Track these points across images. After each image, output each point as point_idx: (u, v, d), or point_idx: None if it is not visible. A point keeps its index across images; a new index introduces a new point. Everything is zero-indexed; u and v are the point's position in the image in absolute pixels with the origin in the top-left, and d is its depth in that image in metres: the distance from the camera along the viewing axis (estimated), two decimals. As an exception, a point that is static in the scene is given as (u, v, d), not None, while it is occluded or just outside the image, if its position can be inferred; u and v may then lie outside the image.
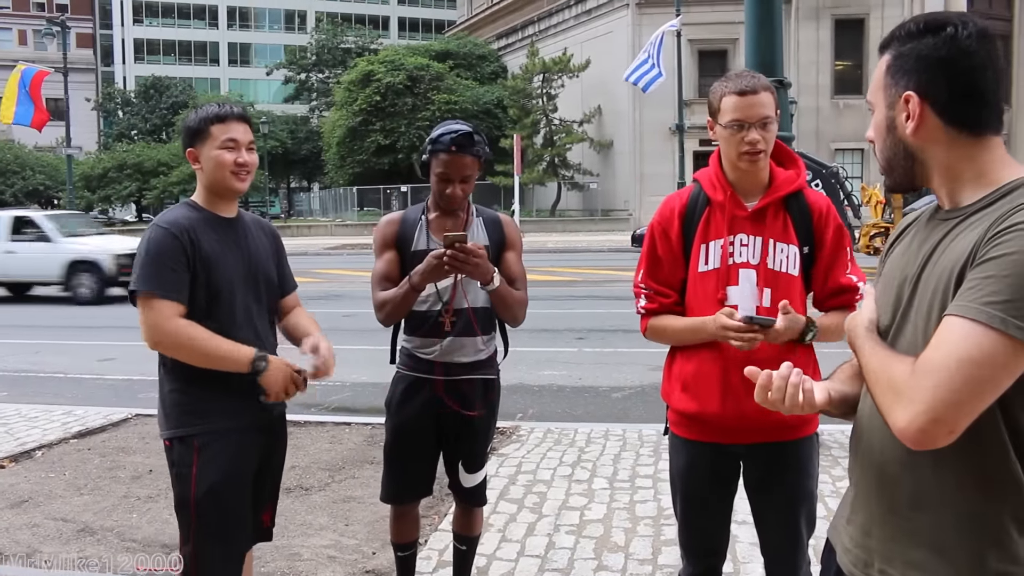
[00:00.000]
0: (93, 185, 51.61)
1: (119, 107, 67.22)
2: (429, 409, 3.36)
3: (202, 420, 2.81)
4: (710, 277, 2.65)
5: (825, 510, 4.76)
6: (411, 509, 3.58)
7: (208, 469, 2.78)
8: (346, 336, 10.68)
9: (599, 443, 6.21)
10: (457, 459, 3.48)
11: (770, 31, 6.13)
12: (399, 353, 3.49)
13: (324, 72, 65.47)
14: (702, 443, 2.73)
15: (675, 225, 2.73)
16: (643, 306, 2.80)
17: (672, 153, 34.21)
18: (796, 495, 2.74)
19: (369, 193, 46.71)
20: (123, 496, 5.33)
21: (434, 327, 3.32)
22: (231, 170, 2.84)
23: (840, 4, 40.43)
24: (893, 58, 1.61)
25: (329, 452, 6.20)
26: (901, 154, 1.63)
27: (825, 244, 2.69)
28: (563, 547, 4.39)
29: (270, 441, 3.00)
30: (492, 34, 56.82)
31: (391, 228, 3.38)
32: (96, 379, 9.55)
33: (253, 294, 2.94)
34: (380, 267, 3.33)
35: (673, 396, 2.76)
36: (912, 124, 1.58)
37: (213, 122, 2.84)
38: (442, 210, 3.36)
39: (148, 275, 2.75)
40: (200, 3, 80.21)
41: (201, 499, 2.78)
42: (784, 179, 2.69)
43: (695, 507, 2.80)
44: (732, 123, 2.57)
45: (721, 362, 2.62)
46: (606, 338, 11.32)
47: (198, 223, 2.84)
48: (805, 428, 2.72)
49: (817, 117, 39.77)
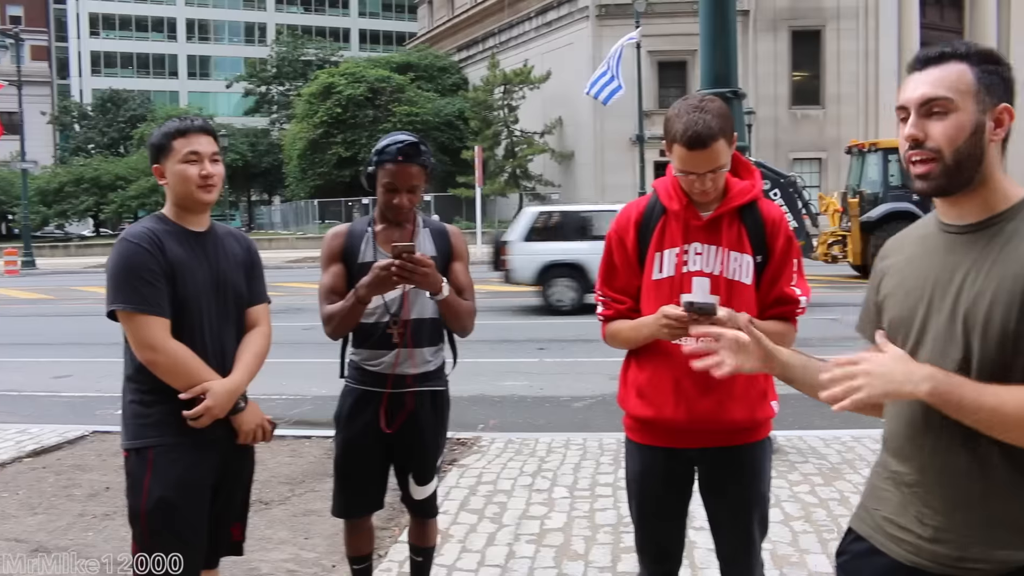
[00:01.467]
0: (49, 200, 50.81)
1: (75, 120, 66.38)
2: (378, 422, 3.35)
3: (158, 432, 2.80)
4: (664, 285, 2.68)
5: (782, 514, 4.83)
6: (363, 523, 3.57)
7: (159, 480, 2.77)
8: (307, 349, 10.62)
9: (560, 452, 6.23)
10: (407, 472, 3.47)
11: (725, 44, 6.22)
12: (347, 366, 3.48)
13: (284, 84, 65.09)
14: (657, 448, 2.77)
15: (631, 234, 2.76)
16: (600, 313, 2.85)
17: (633, 164, 34.44)
18: (749, 499, 2.78)
19: (331, 206, 46.48)
20: (79, 514, 5.26)
21: (382, 339, 3.31)
22: (196, 184, 2.83)
23: (797, 16, 41.04)
24: (984, 72, 1.74)
25: (289, 466, 6.16)
26: (977, 156, 1.73)
27: (775, 254, 2.73)
28: (523, 556, 4.40)
29: (233, 455, 2.98)
30: (453, 46, 56.91)
31: (337, 241, 3.38)
32: (52, 396, 9.40)
33: (221, 308, 2.92)
34: (327, 280, 3.32)
35: (629, 402, 2.80)
36: (1002, 134, 1.75)
37: (175, 136, 2.83)
38: (389, 221, 3.36)
39: (126, 291, 2.74)
40: (158, 15, 79.45)
41: (151, 510, 2.78)
42: (739, 190, 2.72)
43: (651, 511, 2.84)
44: (682, 172, 2.60)
45: (674, 368, 2.65)
46: (567, 348, 11.37)
47: (165, 235, 2.83)
48: (757, 432, 2.76)
49: (775, 127, 40.30)
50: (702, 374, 2.60)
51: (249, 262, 3.09)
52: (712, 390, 2.62)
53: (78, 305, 18.87)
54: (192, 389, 2.77)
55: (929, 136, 1.74)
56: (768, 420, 2.80)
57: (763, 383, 2.73)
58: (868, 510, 1.93)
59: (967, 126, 1.72)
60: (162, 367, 2.76)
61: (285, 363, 10.24)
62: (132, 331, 2.75)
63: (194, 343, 2.81)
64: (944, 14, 43.14)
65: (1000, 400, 1.61)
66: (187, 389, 2.76)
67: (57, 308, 19.26)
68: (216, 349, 2.88)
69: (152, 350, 2.74)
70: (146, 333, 2.73)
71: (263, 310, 3.12)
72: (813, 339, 9.96)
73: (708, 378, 2.60)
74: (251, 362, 2.96)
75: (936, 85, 1.74)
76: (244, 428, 2.92)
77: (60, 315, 16.95)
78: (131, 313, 2.73)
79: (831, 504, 5.01)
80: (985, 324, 1.68)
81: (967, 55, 1.75)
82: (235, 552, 3.15)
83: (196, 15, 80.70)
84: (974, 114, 1.73)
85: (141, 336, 2.73)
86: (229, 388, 2.83)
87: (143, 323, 2.73)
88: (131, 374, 2.86)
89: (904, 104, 1.77)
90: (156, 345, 2.73)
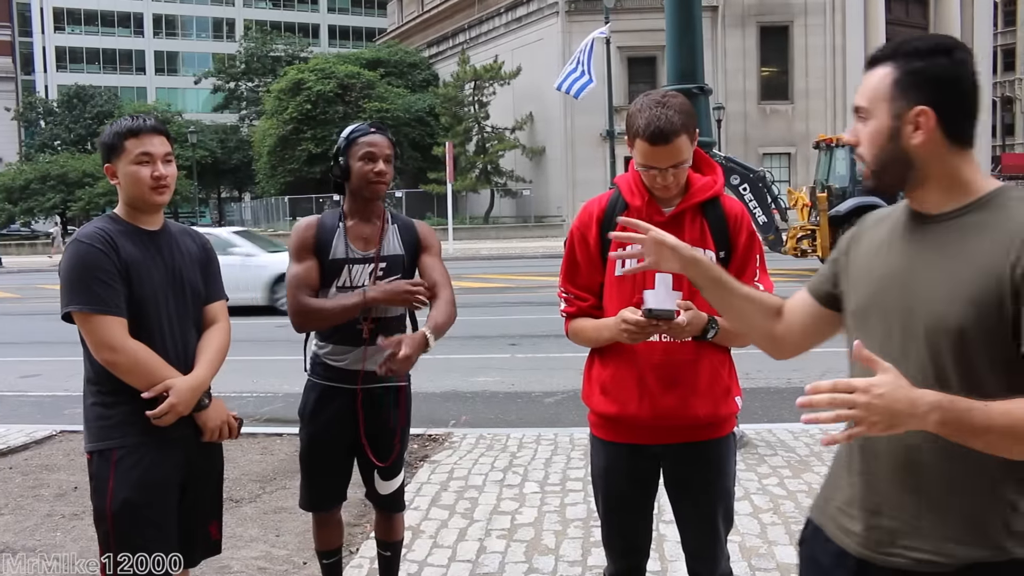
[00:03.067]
0: (15, 197, 50.25)
1: (41, 117, 65.59)
2: (342, 417, 3.36)
3: (120, 434, 2.78)
4: (626, 281, 2.70)
5: (751, 506, 4.89)
6: (332, 516, 3.59)
7: (123, 482, 2.76)
8: (278, 347, 10.58)
9: (531, 448, 6.26)
10: (372, 467, 3.47)
11: (691, 39, 6.25)
12: (310, 360, 3.47)
13: (254, 81, 64.68)
14: (621, 444, 2.79)
15: (593, 230, 2.77)
16: (563, 309, 2.87)
17: (604, 159, 34.59)
18: (713, 494, 2.81)
19: (301, 202, 46.22)
20: (46, 515, 5.21)
21: (350, 335, 3.32)
22: (149, 186, 2.80)
23: (765, 12, 41.35)
24: (903, 73, 1.72)
25: (260, 463, 6.14)
26: (900, 161, 1.74)
27: (737, 249, 2.75)
28: (494, 551, 4.42)
29: (199, 453, 2.96)
30: (423, 42, 56.77)
31: (309, 233, 3.36)
32: (19, 396, 9.29)
33: (180, 306, 2.90)
34: (300, 271, 3.29)
35: (593, 399, 2.82)
36: (922, 136, 1.71)
37: (127, 136, 2.80)
38: (359, 216, 3.38)
39: (81, 292, 2.70)
40: (124, 11, 78.52)
41: (117, 511, 2.76)
42: (701, 185, 2.74)
43: (616, 506, 2.86)
44: (644, 167, 2.62)
45: (638, 365, 2.68)
46: (539, 344, 11.39)
47: (119, 235, 2.80)
48: (721, 428, 2.79)
49: (745, 122, 40.60)
50: (665, 370, 2.66)
51: (205, 259, 3.05)
52: (676, 386, 2.65)
53: (45, 304, 18.61)
54: (155, 388, 2.74)
55: (859, 141, 1.80)
56: (732, 416, 2.83)
57: (727, 379, 2.76)
58: (825, 499, 1.96)
59: (883, 132, 1.75)
60: (122, 367, 2.73)
61: (256, 360, 10.21)
62: (89, 332, 2.72)
63: (153, 342, 2.79)
64: (909, 10, 43.65)
65: (1012, 419, 1.55)
66: (149, 388, 2.74)
67: (24, 307, 19.07)
68: (177, 347, 2.86)
69: (111, 350, 2.71)
70: (103, 333, 2.70)
71: (221, 307, 3.09)
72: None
73: (672, 374, 2.65)
74: (213, 358, 2.94)
75: (860, 93, 1.79)
76: (209, 425, 2.90)
77: (27, 314, 16.76)
78: (88, 314, 2.70)
79: (799, 496, 5.07)
80: (938, 320, 1.68)
81: (893, 55, 1.75)
82: (214, 551, 3.12)
83: (163, 10, 79.87)
84: (888, 120, 1.74)
85: (99, 337, 2.71)
86: (192, 385, 2.81)
87: (100, 324, 2.70)
88: (91, 376, 2.84)
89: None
90: (115, 345, 2.70)
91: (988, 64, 46.48)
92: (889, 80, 1.73)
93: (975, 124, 1.75)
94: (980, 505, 1.69)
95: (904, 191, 1.80)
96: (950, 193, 1.74)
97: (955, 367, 1.67)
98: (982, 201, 1.72)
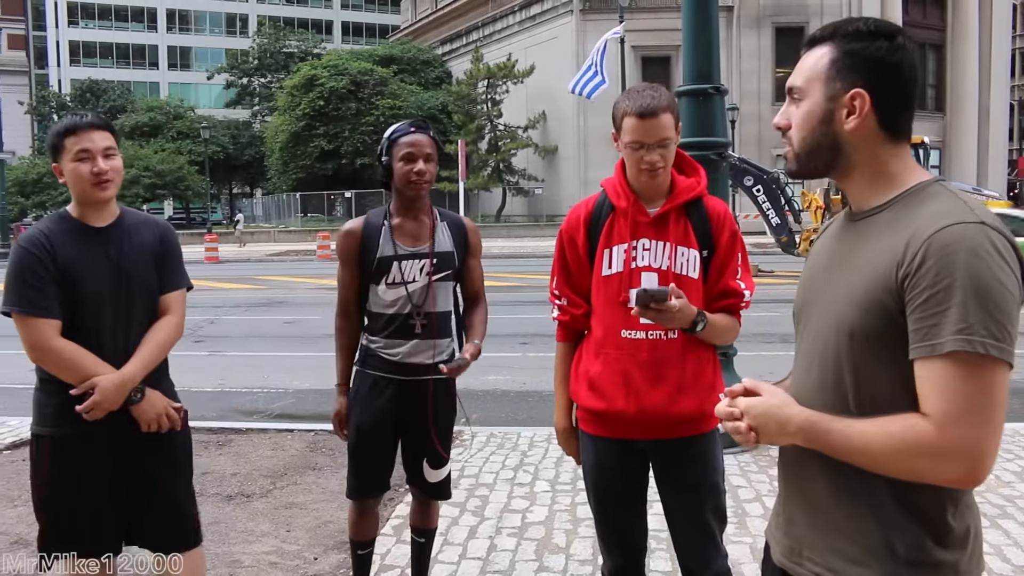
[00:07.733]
0: (27, 191, 50.47)
1: (54, 111, 65.87)
2: (391, 408, 3.43)
3: (54, 423, 2.87)
4: (613, 280, 2.75)
5: (762, 508, 4.87)
6: (374, 505, 3.65)
7: (55, 472, 2.86)
8: (288, 343, 10.61)
9: (541, 447, 6.25)
10: (421, 457, 3.54)
11: (707, 39, 6.23)
12: (360, 351, 3.54)
13: (266, 76, 64.88)
14: (609, 439, 2.82)
15: (581, 232, 2.84)
16: (555, 316, 2.94)
17: (615, 159, 34.40)
18: (701, 488, 2.82)
19: (312, 199, 46.40)
20: (58, 507, 5.23)
21: (402, 328, 3.40)
22: (90, 182, 2.82)
23: (781, 12, 41.18)
24: (842, 53, 1.65)
25: (271, 459, 6.15)
26: (828, 145, 1.67)
27: (720, 248, 2.79)
28: (505, 549, 4.42)
29: (146, 443, 2.95)
30: (436, 39, 56.81)
31: (352, 240, 3.43)
32: (30, 388, 9.26)
33: (124, 304, 2.91)
34: (340, 291, 3.50)
35: (580, 395, 2.85)
36: (855, 121, 1.63)
37: (65, 135, 2.82)
38: (405, 214, 3.44)
39: (14, 294, 2.80)
40: (138, 5, 78.87)
41: (46, 501, 2.88)
42: (685, 186, 2.79)
43: (607, 502, 2.89)
44: (632, 144, 2.66)
45: (624, 361, 2.72)
46: (550, 343, 11.22)
47: (61, 235, 2.84)
48: (707, 423, 2.80)
49: (759, 123, 40.42)
50: (652, 367, 2.70)
51: (161, 251, 3.03)
52: (661, 382, 2.69)
53: None
54: (81, 385, 2.80)
55: (790, 124, 1.72)
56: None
57: (712, 376, 2.78)
58: (774, 512, 1.93)
59: (816, 114, 1.67)
60: (50, 365, 2.83)
61: (267, 356, 10.24)
62: (21, 333, 2.82)
63: (89, 341, 2.83)
64: (927, 11, 43.41)
65: (865, 440, 1.53)
66: (79, 384, 2.80)
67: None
68: (117, 343, 2.88)
69: (38, 350, 2.81)
70: (32, 334, 2.80)
71: (177, 297, 3.07)
72: (789, 335, 9.99)
73: (657, 371, 2.70)
74: (148, 353, 2.93)
75: (796, 72, 1.72)
76: (143, 418, 2.91)
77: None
78: (20, 316, 2.80)
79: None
80: (839, 322, 1.63)
81: (833, 35, 1.68)
82: (190, 540, 3.09)
83: (177, 5, 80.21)
84: (823, 102, 1.66)
85: (28, 337, 2.81)
86: (117, 382, 2.82)
87: (30, 325, 2.79)
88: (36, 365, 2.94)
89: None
90: (42, 346, 2.80)
91: (1007, 67, 46.09)
92: (826, 60, 1.66)
93: (911, 116, 1.67)
94: (865, 522, 1.63)
95: (831, 179, 1.74)
96: (874, 187, 1.67)
97: (849, 367, 1.63)
98: (900, 197, 1.64)
